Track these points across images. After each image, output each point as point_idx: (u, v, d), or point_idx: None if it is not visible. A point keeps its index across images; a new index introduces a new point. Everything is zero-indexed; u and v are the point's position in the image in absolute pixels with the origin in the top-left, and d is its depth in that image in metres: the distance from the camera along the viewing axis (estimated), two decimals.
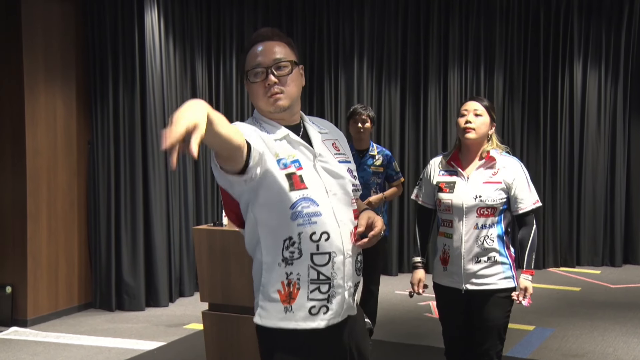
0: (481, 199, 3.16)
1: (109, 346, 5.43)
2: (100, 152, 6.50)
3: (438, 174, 3.30)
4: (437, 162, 3.36)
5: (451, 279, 3.27)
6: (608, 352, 5.29)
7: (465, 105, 3.29)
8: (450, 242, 3.24)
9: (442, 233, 3.29)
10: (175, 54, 6.95)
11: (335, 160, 2.22)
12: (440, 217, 3.30)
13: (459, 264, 3.22)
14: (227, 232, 4.29)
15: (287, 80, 2.13)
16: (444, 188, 3.25)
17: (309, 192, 2.11)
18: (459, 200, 3.19)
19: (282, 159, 2.11)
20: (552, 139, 8.61)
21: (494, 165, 3.23)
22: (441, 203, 3.24)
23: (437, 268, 3.35)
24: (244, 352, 4.28)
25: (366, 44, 8.21)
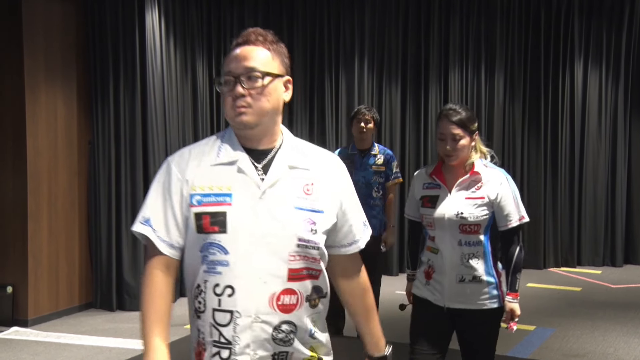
0: (462, 215, 2.99)
1: (109, 346, 5.43)
2: (101, 152, 6.50)
3: (422, 188, 3.15)
4: (421, 176, 3.21)
5: (433, 295, 3.09)
6: (609, 352, 5.28)
7: (441, 127, 3.04)
8: (435, 258, 3.08)
9: (429, 247, 3.14)
10: (176, 54, 6.95)
11: (292, 205, 1.80)
12: (426, 231, 3.16)
13: (442, 281, 3.05)
14: None
15: (256, 93, 1.81)
16: (426, 202, 3.09)
17: (221, 237, 1.76)
18: (440, 215, 3.02)
19: (197, 194, 1.80)
20: (552, 139, 8.61)
21: (478, 179, 3.03)
22: (424, 218, 3.11)
23: (419, 279, 3.19)
24: None
25: (367, 44, 8.20)
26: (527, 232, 8.58)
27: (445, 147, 3.02)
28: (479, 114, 8.49)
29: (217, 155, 1.85)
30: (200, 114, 7.26)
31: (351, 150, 5.54)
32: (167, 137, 6.77)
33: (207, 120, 7.43)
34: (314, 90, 8.19)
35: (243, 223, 1.77)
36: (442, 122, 3.05)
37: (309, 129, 8.20)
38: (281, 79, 1.86)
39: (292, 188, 1.83)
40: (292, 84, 1.91)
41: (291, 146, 1.89)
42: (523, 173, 8.60)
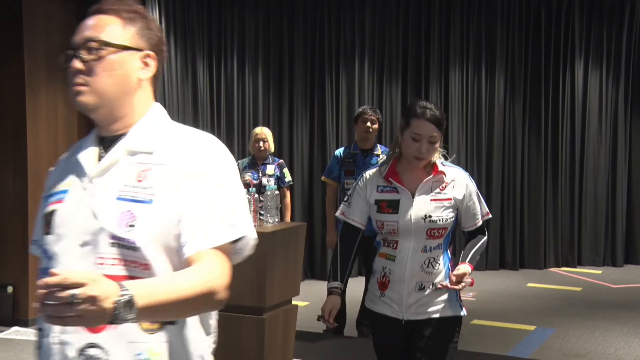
0: (431, 219, 2.76)
1: None
2: None
3: (376, 191, 2.82)
4: (373, 177, 2.85)
5: (389, 308, 2.83)
6: (609, 352, 5.28)
7: (419, 125, 2.74)
8: (393, 266, 2.80)
9: (383, 254, 2.84)
10: (177, 54, 6.95)
11: (114, 195, 1.46)
12: (382, 237, 2.85)
13: (400, 290, 2.79)
14: None
15: (95, 68, 1.50)
16: (385, 208, 2.78)
17: (47, 239, 1.52)
18: (406, 220, 2.75)
19: (46, 195, 1.58)
20: (553, 139, 8.60)
21: (442, 180, 2.81)
22: (384, 225, 2.79)
23: (373, 292, 2.89)
24: (245, 352, 4.28)
25: (367, 44, 8.20)
26: (528, 232, 8.58)
27: (421, 148, 2.73)
28: (479, 113, 8.49)
29: (71, 149, 1.61)
30: (200, 113, 7.26)
31: (353, 150, 5.57)
32: None
33: (208, 119, 7.43)
34: (314, 90, 8.19)
35: (64, 222, 1.50)
36: (420, 121, 2.74)
37: (309, 128, 8.19)
38: (134, 52, 1.54)
39: (124, 176, 1.49)
40: (157, 61, 1.59)
41: (144, 129, 1.55)
42: (523, 173, 8.59)
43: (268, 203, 4.44)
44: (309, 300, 6.85)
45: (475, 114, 8.49)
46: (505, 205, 8.57)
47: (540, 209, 8.56)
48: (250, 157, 5.96)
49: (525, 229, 8.59)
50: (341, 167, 5.52)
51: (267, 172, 5.82)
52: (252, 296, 4.22)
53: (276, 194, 4.48)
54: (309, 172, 8.18)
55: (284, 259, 4.38)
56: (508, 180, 8.58)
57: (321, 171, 7.78)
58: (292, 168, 7.87)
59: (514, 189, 8.57)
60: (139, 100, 1.56)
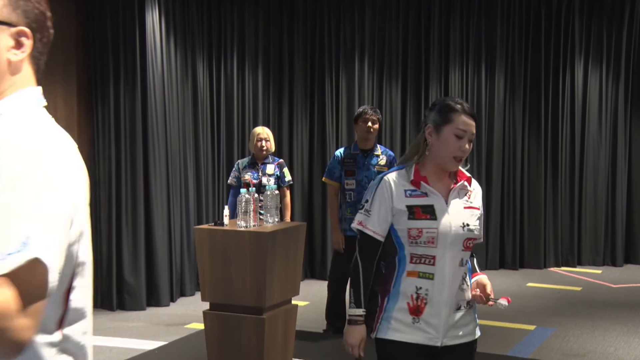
0: (469, 228, 2.50)
1: (109, 345, 5.42)
2: (101, 152, 6.49)
3: (405, 195, 2.49)
4: (397, 180, 2.51)
5: (424, 334, 2.47)
6: (609, 352, 5.28)
7: (465, 122, 2.48)
8: (430, 285, 2.45)
9: (415, 273, 2.47)
10: (177, 54, 6.94)
11: None
12: (411, 252, 2.47)
13: (440, 313, 2.46)
14: (228, 232, 4.28)
15: None
16: (420, 213, 2.46)
17: None
18: (446, 229, 2.45)
19: None
20: (553, 139, 8.60)
21: (467, 187, 2.56)
22: (421, 233, 2.44)
23: (399, 320, 2.47)
24: (245, 352, 4.28)
25: (367, 44, 8.19)
26: (527, 231, 8.58)
27: (463, 146, 2.47)
28: (479, 113, 8.48)
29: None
30: (200, 113, 7.26)
31: (354, 150, 5.56)
32: (168, 136, 6.76)
33: (208, 119, 7.42)
34: (314, 90, 8.19)
35: None
36: (463, 116, 2.48)
37: (309, 129, 8.19)
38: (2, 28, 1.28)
39: None
40: (36, 39, 1.34)
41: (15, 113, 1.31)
42: (523, 172, 8.60)
43: (268, 203, 4.44)
44: (308, 300, 6.85)
45: (475, 113, 8.47)
46: (505, 205, 8.57)
47: (540, 208, 8.56)
48: (250, 157, 5.96)
49: (525, 228, 8.59)
50: (341, 168, 5.52)
51: (267, 172, 5.82)
52: (252, 296, 4.21)
53: (276, 194, 4.47)
54: (309, 171, 8.18)
55: (284, 259, 4.38)
56: (508, 180, 8.58)
57: (321, 171, 7.77)
58: (292, 168, 7.87)
59: (514, 188, 8.57)
60: (10, 86, 1.32)
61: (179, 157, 6.97)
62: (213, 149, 7.51)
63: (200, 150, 7.26)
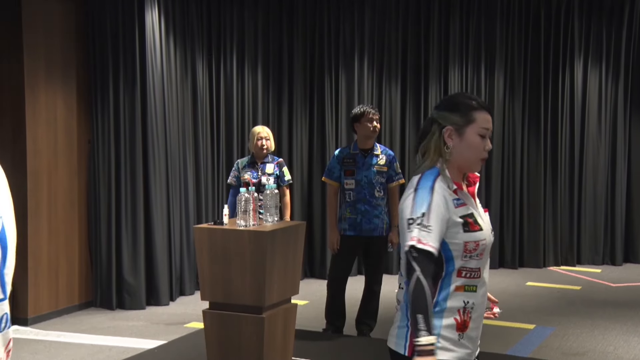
0: (493, 233, 2.40)
1: (109, 345, 5.44)
2: (100, 151, 6.51)
3: (454, 206, 2.25)
4: (444, 189, 2.25)
5: (466, 350, 2.28)
6: (608, 351, 5.29)
7: (486, 119, 2.30)
8: (475, 298, 2.28)
9: (461, 287, 2.26)
10: (176, 53, 6.95)
11: None
12: (462, 265, 2.26)
13: (480, 326, 2.32)
14: (228, 231, 4.29)
15: None
16: (473, 224, 2.26)
17: None
18: (489, 238, 2.32)
19: None
20: (552, 138, 8.61)
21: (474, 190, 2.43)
22: (478, 246, 2.25)
23: (447, 337, 2.24)
24: (245, 351, 4.29)
25: (367, 44, 8.20)
26: (527, 231, 8.59)
27: (487, 146, 2.31)
28: None
29: None
30: (200, 113, 7.27)
31: (353, 150, 5.56)
32: (167, 136, 6.78)
33: (207, 119, 7.43)
34: (313, 90, 8.20)
35: None
36: (484, 113, 2.30)
37: (308, 128, 8.20)
38: None
39: None
40: None
41: None
42: (523, 171, 8.61)
43: (267, 202, 4.45)
44: (308, 299, 6.86)
45: None
46: (505, 204, 8.58)
47: (540, 207, 8.58)
48: (249, 156, 5.97)
49: (524, 227, 8.61)
50: (341, 168, 5.52)
51: (266, 171, 5.83)
52: (252, 295, 4.22)
53: (275, 193, 4.49)
54: (309, 171, 8.19)
55: (284, 258, 4.39)
56: (507, 179, 8.59)
57: (321, 170, 7.79)
58: (291, 167, 7.88)
59: (514, 187, 8.58)
60: None
61: (179, 157, 6.98)
62: (212, 148, 7.52)
63: (199, 150, 7.27)
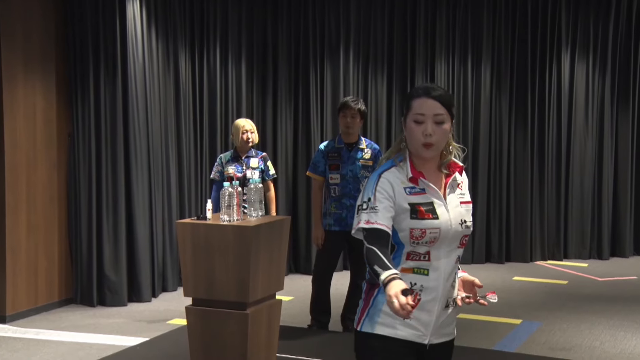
0: (467, 224, 2.46)
1: (90, 342, 5.43)
2: (81, 145, 6.49)
3: (405, 193, 2.40)
4: (394, 176, 2.41)
5: (414, 331, 2.41)
6: (595, 346, 5.36)
7: (421, 104, 2.39)
8: (426, 281, 2.40)
9: (409, 269, 2.40)
10: (158, 45, 6.93)
11: None
12: (410, 250, 2.40)
13: (432, 310, 2.42)
14: (211, 226, 4.30)
15: None
16: (424, 212, 2.38)
17: None
18: (447, 228, 2.40)
19: None
20: (539, 131, 8.69)
21: (458, 179, 2.50)
22: (425, 234, 2.37)
23: (389, 314, 2.36)
24: (229, 348, 4.30)
25: (352, 35, 8.22)
26: (514, 225, 8.66)
27: (426, 130, 2.38)
28: (465, 105, 8.55)
29: None
30: (183, 106, 7.26)
31: (338, 144, 5.56)
32: (149, 130, 6.77)
33: (190, 113, 7.43)
34: (298, 82, 8.20)
35: None
36: (421, 99, 2.40)
37: (293, 121, 8.22)
38: None
39: None
40: None
41: None
42: (510, 165, 8.68)
43: (252, 196, 4.46)
44: (293, 295, 6.89)
45: (462, 105, 8.55)
46: (492, 198, 8.65)
47: (527, 202, 8.65)
48: (232, 151, 5.98)
49: (511, 222, 8.68)
50: (326, 162, 5.54)
51: (251, 165, 5.84)
52: (236, 291, 4.23)
53: (260, 187, 4.50)
54: (293, 165, 8.21)
55: (268, 253, 4.40)
56: (494, 173, 8.66)
57: (306, 164, 7.81)
58: (276, 161, 7.90)
59: (500, 181, 8.65)
60: None
61: (161, 151, 6.97)
62: (196, 142, 7.52)
63: (182, 144, 7.26)
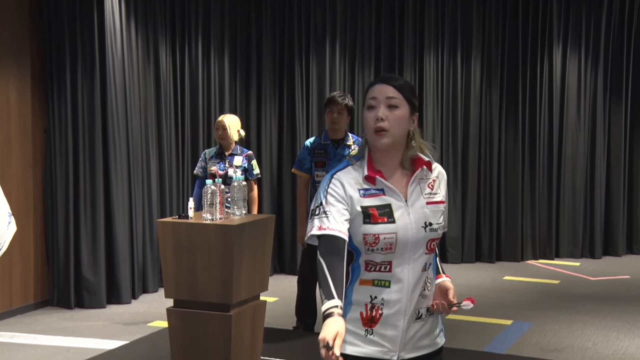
0: (432, 227, 2.29)
1: (67, 346, 5.38)
2: (57, 141, 6.41)
3: (359, 195, 2.25)
4: (348, 177, 2.27)
5: (378, 347, 2.29)
6: (587, 347, 5.35)
7: (372, 90, 2.30)
8: (387, 294, 2.26)
9: (368, 281, 2.27)
10: (138, 39, 6.86)
11: None
12: (367, 259, 2.27)
13: (397, 324, 2.27)
14: (193, 225, 4.26)
15: None
16: (378, 216, 2.23)
17: None
18: (406, 233, 2.24)
19: None
20: (530, 126, 8.68)
21: (427, 176, 2.34)
22: (378, 240, 2.22)
23: (351, 331, 2.27)
24: (211, 350, 4.27)
25: (338, 27, 8.17)
26: (505, 223, 8.65)
27: (379, 114, 2.25)
28: (455, 100, 8.52)
29: None
30: (163, 101, 7.19)
31: (324, 140, 5.53)
32: (129, 125, 6.70)
33: (171, 108, 7.36)
34: (283, 76, 8.16)
35: None
36: (373, 86, 2.31)
37: (278, 116, 8.16)
38: None
39: None
40: None
41: None
42: (500, 162, 8.66)
43: (235, 194, 4.41)
44: (278, 295, 6.85)
45: (451, 100, 8.52)
46: (482, 195, 8.63)
47: (518, 199, 8.64)
48: (217, 147, 5.92)
49: (502, 220, 8.67)
50: (312, 159, 5.49)
51: (234, 164, 5.79)
52: (219, 292, 4.21)
53: (243, 185, 4.45)
54: (278, 162, 8.16)
55: (252, 253, 4.37)
56: (484, 170, 8.64)
57: (291, 161, 7.75)
58: (260, 158, 7.84)
59: (491, 178, 8.63)
60: None
61: (141, 147, 6.91)
62: (177, 138, 7.45)
63: (163, 140, 7.20)
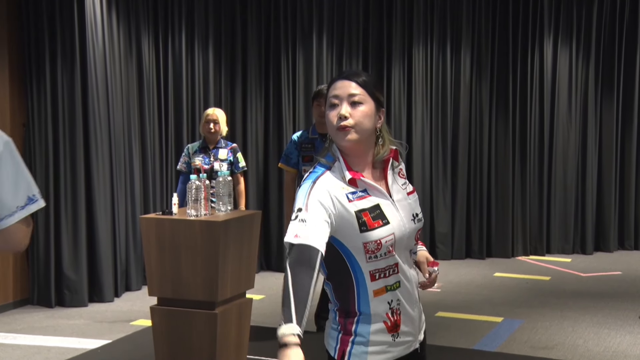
0: (418, 217, 2.29)
1: (48, 345, 5.37)
2: (37, 136, 6.40)
3: (348, 200, 2.15)
4: (332, 182, 2.16)
5: (404, 345, 2.27)
6: (578, 344, 5.42)
7: (333, 87, 2.22)
8: (400, 293, 2.23)
9: (381, 290, 2.19)
10: (119, 30, 6.86)
11: None
12: (372, 269, 2.17)
13: (414, 315, 2.29)
14: (176, 221, 4.27)
15: None
16: (372, 221, 2.15)
17: None
18: (401, 230, 2.21)
19: None
20: (521, 120, 8.73)
21: (397, 166, 2.32)
22: (381, 246, 2.14)
23: (379, 342, 2.21)
24: (196, 349, 4.28)
25: (326, 20, 8.19)
26: (495, 219, 8.72)
27: (340, 111, 2.16)
28: (444, 93, 8.57)
29: None
30: (146, 95, 7.19)
31: (312, 134, 5.52)
32: (110, 120, 6.70)
33: (154, 101, 7.36)
34: (269, 69, 8.16)
35: None
36: (335, 83, 2.22)
37: (264, 110, 8.18)
38: None
39: None
40: None
41: None
42: (490, 156, 8.72)
43: (220, 190, 4.43)
44: (264, 293, 6.87)
45: (440, 93, 8.57)
46: (472, 191, 8.69)
47: (508, 194, 8.70)
48: (201, 141, 5.94)
49: (492, 216, 8.73)
50: (299, 153, 5.50)
51: (219, 157, 5.80)
52: (204, 289, 4.21)
53: (229, 180, 4.47)
54: (264, 156, 8.18)
55: (238, 250, 4.38)
56: (474, 165, 8.69)
57: (277, 156, 7.78)
58: (246, 152, 7.85)
59: (481, 173, 8.69)
60: None
61: (124, 142, 6.90)
62: (160, 132, 7.45)
63: (146, 134, 7.20)
